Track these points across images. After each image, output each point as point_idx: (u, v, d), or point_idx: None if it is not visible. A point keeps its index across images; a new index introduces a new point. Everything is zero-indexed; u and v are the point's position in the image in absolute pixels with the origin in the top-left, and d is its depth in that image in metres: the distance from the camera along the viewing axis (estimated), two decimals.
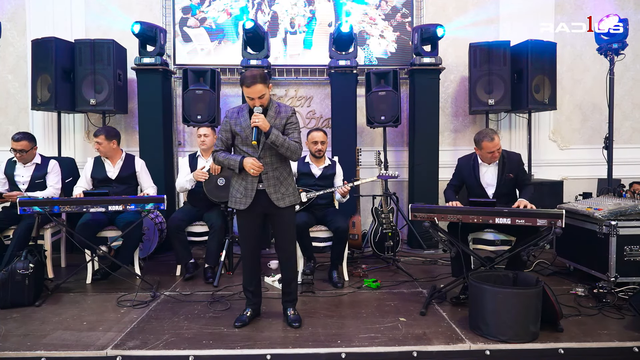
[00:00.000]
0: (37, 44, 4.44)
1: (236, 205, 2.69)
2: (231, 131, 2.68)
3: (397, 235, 4.19)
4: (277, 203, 2.66)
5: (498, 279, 2.69)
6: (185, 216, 3.76)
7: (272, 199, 2.65)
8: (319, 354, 2.39)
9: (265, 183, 2.64)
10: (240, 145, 2.68)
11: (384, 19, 5.20)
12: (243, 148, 2.67)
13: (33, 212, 3.19)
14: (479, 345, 2.44)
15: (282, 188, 2.69)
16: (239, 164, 2.59)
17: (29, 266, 3.04)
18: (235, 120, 2.67)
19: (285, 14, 5.21)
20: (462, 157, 3.58)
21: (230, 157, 2.65)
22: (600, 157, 4.37)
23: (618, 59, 4.20)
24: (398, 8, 5.18)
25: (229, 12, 5.18)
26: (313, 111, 5.20)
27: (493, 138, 3.27)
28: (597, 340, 2.49)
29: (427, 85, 4.70)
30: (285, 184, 2.71)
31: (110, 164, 3.78)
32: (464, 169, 3.51)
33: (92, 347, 2.42)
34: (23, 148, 3.66)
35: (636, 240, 3.18)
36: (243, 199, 2.66)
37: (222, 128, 2.72)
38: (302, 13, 5.21)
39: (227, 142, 2.71)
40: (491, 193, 3.39)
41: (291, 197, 2.72)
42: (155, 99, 4.61)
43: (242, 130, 2.64)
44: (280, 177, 2.69)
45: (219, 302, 3.11)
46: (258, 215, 2.72)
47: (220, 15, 5.17)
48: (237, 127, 2.66)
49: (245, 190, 2.66)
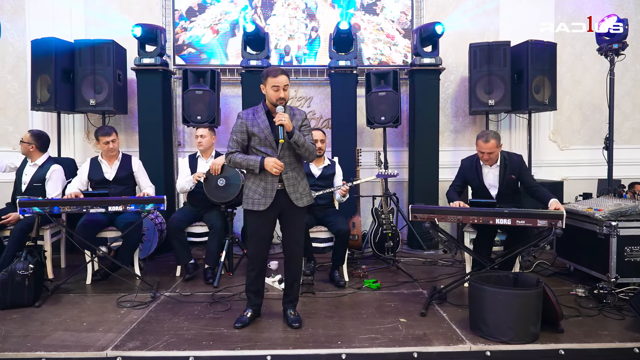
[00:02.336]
0: (36, 44, 4.42)
1: (254, 206, 2.66)
2: (247, 132, 2.67)
3: (397, 235, 4.19)
4: (296, 203, 2.67)
5: (498, 280, 2.69)
6: (185, 217, 3.76)
7: (291, 199, 2.66)
8: (319, 355, 2.39)
9: (285, 182, 2.65)
10: (258, 145, 2.66)
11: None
12: (261, 149, 2.65)
13: (33, 212, 3.19)
14: (479, 346, 2.44)
15: (300, 188, 2.71)
16: (259, 164, 2.59)
17: (29, 267, 3.04)
18: (251, 121, 2.66)
19: (283, 30, 5.04)
20: (465, 159, 3.58)
21: (250, 158, 2.64)
22: (600, 157, 4.37)
23: (618, 60, 4.20)
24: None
25: (214, 29, 5.02)
26: (313, 111, 5.20)
27: (488, 140, 3.27)
28: (598, 341, 2.49)
29: (427, 85, 4.70)
30: (303, 184, 2.74)
31: (107, 165, 3.77)
32: (467, 170, 3.52)
33: (92, 348, 2.41)
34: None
35: (636, 240, 3.18)
36: (262, 199, 2.65)
37: (237, 129, 2.68)
38: (303, 30, 5.02)
39: (242, 143, 2.69)
40: (494, 194, 3.40)
41: (308, 197, 2.76)
42: (155, 99, 4.61)
43: (260, 131, 2.64)
44: (298, 177, 2.71)
45: (219, 303, 3.10)
46: (274, 215, 2.73)
47: (205, 34, 5.01)
48: (254, 127, 2.65)
49: (264, 190, 2.65)
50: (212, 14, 5.08)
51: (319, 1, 5.13)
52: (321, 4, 5.12)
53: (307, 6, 5.12)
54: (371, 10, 5.14)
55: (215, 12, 5.09)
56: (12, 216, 3.59)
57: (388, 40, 5.13)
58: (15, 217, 3.55)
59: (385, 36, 5.10)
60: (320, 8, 5.12)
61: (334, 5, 5.12)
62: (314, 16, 5.10)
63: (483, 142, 3.29)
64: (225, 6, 5.09)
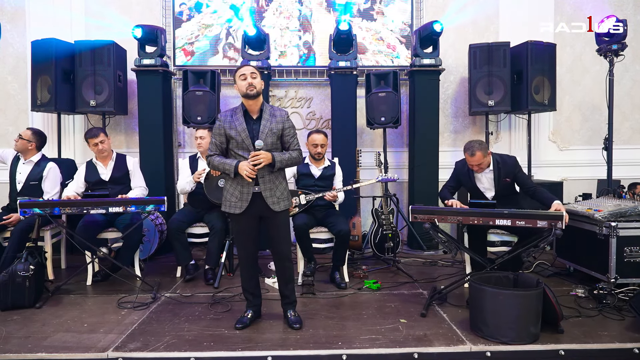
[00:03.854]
0: (37, 45, 4.43)
1: (231, 209, 2.67)
2: (225, 135, 2.65)
3: (397, 236, 4.20)
4: (272, 207, 2.65)
5: (499, 281, 2.70)
6: (185, 217, 3.76)
7: (267, 203, 2.64)
8: (320, 356, 2.39)
9: (262, 186, 2.64)
10: (236, 149, 2.65)
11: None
12: (239, 152, 2.64)
13: (33, 214, 3.19)
14: (479, 346, 2.45)
15: (277, 192, 2.68)
16: (234, 169, 2.58)
17: (30, 268, 3.04)
18: (229, 123, 2.64)
19: (274, 45, 4.90)
20: (459, 161, 3.57)
21: (226, 161, 2.62)
22: (599, 157, 4.38)
23: (617, 60, 4.21)
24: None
25: (188, 51, 4.78)
26: (313, 112, 5.21)
27: (474, 154, 3.26)
28: (598, 342, 2.50)
29: (427, 86, 4.71)
30: (281, 187, 2.70)
31: (102, 166, 3.77)
32: (461, 173, 3.52)
33: (93, 349, 2.42)
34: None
35: (636, 241, 3.18)
36: (238, 202, 2.65)
37: (216, 132, 2.67)
38: (296, 41, 4.83)
39: (221, 145, 2.68)
40: (490, 196, 3.41)
41: (286, 201, 2.73)
42: (155, 100, 4.61)
43: (237, 134, 2.62)
44: (276, 181, 2.68)
45: (219, 304, 3.11)
46: (254, 217, 2.71)
47: (177, 56, 4.80)
48: (231, 130, 2.63)
49: (240, 194, 2.64)
50: (188, 29, 4.95)
51: (314, 7, 5.03)
52: (316, 10, 5.02)
53: (302, 13, 5.01)
54: (368, 15, 5.10)
55: (191, 27, 4.97)
56: (13, 217, 3.60)
57: (389, 52, 5.08)
58: (16, 218, 3.56)
59: (386, 47, 5.04)
60: (316, 15, 5.01)
61: (329, 10, 5.03)
62: (309, 27, 4.98)
63: (469, 155, 3.29)
64: (206, 19, 4.91)
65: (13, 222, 3.59)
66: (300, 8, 4.99)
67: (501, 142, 5.25)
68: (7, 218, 3.60)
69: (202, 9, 5.01)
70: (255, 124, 2.65)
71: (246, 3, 5.03)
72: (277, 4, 5.03)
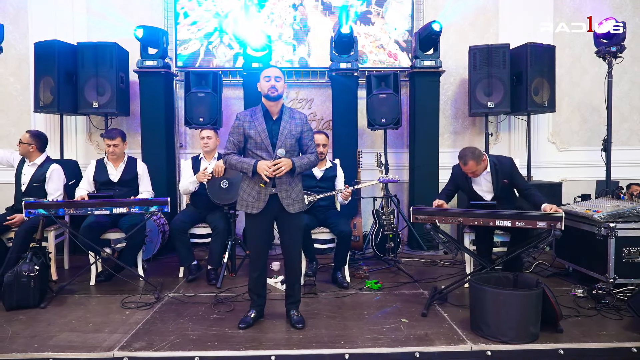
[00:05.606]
0: (39, 47, 4.45)
1: (248, 209, 2.69)
2: (244, 134, 2.68)
3: (397, 236, 4.23)
4: (287, 209, 2.68)
5: (499, 281, 2.73)
6: (188, 218, 3.79)
7: (283, 204, 2.67)
8: (322, 355, 2.42)
9: (278, 187, 2.66)
10: (254, 149, 2.67)
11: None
12: (257, 152, 2.66)
13: (38, 214, 3.22)
14: (480, 345, 2.48)
15: (293, 194, 2.71)
16: (252, 168, 2.60)
17: (34, 268, 3.07)
18: (249, 123, 2.67)
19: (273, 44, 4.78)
20: (457, 165, 3.57)
21: (244, 160, 2.65)
22: (598, 158, 4.40)
23: (616, 62, 4.23)
24: None
25: (188, 51, 4.73)
26: (314, 113, 5.23)
27: (467, 163, 3.27)
28: (596, 341, 2.53)
29: (427, 87, 4.74)
30: (296, 189, 2.74)
31: (113, 167, 3.81)
32: (458, 177, 3.54)
33: (98, 349, 2.45)
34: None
35: (634, 241, 3.21)
36: (255, 202, 2.67)
37: (234, 131, 2.70)
38: (290, 55, 4.76)
39: (239, 144, 2.71)
40: (489, 199, 3.43)
41: (300, 203, 2.76)
42: (157, 101, 4.64)
43: (257, 134, 2.64)
44: (292, 183, 2.71)
45: (222, 304, 3.14)
46: (269, 218, 2.74)
47: (179, 57, 4.75)
48: (251, 130, 2.66)
49: (258, 194, 2.66)
50: (188, 30, 4.89)
51: (309, 9, 4.96)
52: (311, 12, 4.95)
53: (296, 19, 4.91)
54: (365, 19, 5.09)
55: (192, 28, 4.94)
56: (16, 217, 3.62)
57: (391, 61, 5.08)
58: (20, 218, 3.58)
59: (387, 55, 5.03)
60: (312, 19, 4.95)
61: (326, 13, 4.99)
62: (304, 38, 4.92)
63: (463, 164, 3.31)
64: (183, 33, 4.88)
65: (17, 223, 3.62)
66: (295, 14, 4.98)
67: (501, 143, 5.29)
68: (11, 218, 3.62)
69: (202, 9, 5.03)
70: (274, 125, 2.68)
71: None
72: (269, 10, 5.03)
